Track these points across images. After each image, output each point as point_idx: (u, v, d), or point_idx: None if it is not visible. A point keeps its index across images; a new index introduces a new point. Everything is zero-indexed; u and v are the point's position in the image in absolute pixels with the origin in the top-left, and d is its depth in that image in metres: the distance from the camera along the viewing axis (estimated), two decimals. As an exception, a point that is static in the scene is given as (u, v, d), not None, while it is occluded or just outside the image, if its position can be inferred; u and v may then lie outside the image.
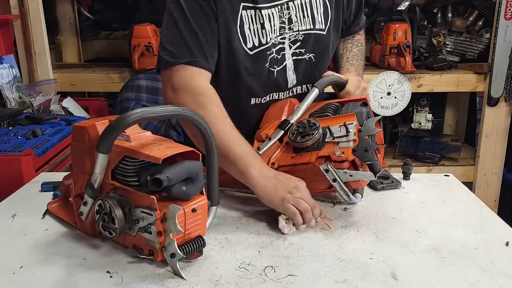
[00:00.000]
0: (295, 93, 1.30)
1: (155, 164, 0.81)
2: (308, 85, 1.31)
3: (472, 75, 2.60)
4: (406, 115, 2.94)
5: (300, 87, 1.30)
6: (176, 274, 0.82)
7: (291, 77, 1.27)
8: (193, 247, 0.84)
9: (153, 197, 0.81)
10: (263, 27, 1.20)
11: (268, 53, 1.22)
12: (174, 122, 2.29)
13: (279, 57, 1.24)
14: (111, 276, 0.82)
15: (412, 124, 2.77)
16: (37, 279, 0.82)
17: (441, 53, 2.73)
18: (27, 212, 1.08)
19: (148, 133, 0.91)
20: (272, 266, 0.85)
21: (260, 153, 1.09)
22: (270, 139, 1.12)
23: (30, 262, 0.87)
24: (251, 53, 1.21)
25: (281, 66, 1.25)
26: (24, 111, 2.16)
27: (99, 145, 0.82)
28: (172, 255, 0.81)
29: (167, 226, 0.81)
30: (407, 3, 2.71)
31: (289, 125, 1.13)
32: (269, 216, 1.05)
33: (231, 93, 1.23)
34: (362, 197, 1.12)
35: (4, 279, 0.82)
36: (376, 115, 1.18)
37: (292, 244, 0.94)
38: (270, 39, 1.22)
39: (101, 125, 0.91)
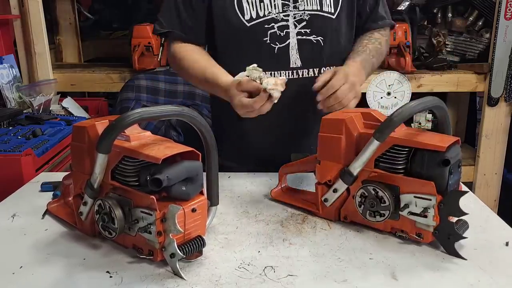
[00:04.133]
0: (300, 75, 1.29)
1: (154, 164, 0.81)
2: (314, 69, 1.30)
3: (472, 75, 2.60)
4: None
5: (306, 70, 1.30)
6: (176, 274, 0.82)
7: (294, 57, 1.28)
8: (193, 247, 0.84)
9: (153, 197, 0.81)
10: (261, 0, 1.24)
11: (267, 26, 1.25)
12: (174, 122, 2.29)
13: (282, 34, 1.26)
14: (111, 276, 0.82)
15: (412, 124, 2.77)
16: (36, 279, 0.82)
17: (441, 53, 2.73)
18: (27, 212, 1.07)
19: (148, 133, 0.91)
20: (272, 266, 0.85)
21: (328, 205, 1.02)
22: (335, 191, 1.00)
23: (29, 262, 0.87)
24: (248, 25, 1.24)
25: (283, 44, 1.26)
26: (24, 111, 2.16)
27: (99, 145, 0.82)
28: (172, 255, 0.81)
29: (166, 226, 0.81)
30: (407, 3, 2.71)
31: (353, 179, 0.97)
32: (269, 216, 1.06)
33: (234, 70, 1.21)
34: None
35: (4, 279, 0.82)
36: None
37: (292, 244, 0.94)
38: (269, 13, 1.24)
39: (101, 125, 0.91)
